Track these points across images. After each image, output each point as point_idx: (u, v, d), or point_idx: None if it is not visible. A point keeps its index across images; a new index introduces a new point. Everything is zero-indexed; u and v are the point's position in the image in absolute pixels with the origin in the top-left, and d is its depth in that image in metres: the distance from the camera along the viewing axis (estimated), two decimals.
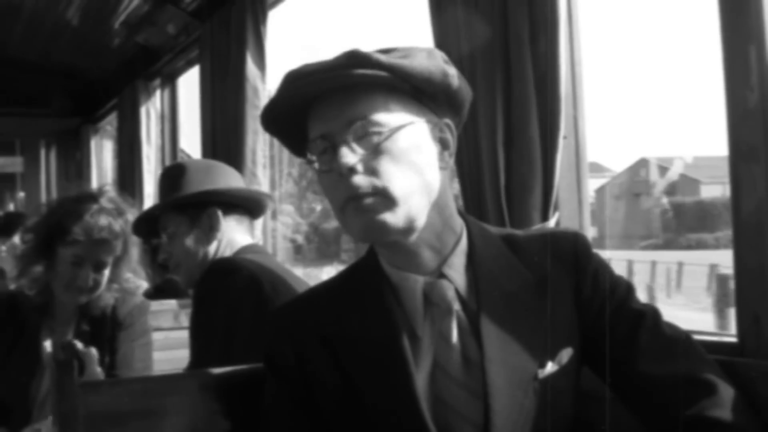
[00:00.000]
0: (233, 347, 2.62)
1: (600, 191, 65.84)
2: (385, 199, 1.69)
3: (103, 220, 3.28)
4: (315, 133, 1.75)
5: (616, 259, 31.01)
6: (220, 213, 2.95)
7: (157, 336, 3.73)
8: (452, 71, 1.80)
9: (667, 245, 52.26)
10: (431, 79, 1.76)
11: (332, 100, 1.72)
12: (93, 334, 3.37)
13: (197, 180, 2.98)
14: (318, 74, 1.71)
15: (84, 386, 2.13)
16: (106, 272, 3.33)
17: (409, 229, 1.73)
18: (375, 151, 1.70)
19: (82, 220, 3.26)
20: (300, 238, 56.94)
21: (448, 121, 1.83)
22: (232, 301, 2.66)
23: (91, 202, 3.33)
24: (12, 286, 4.06)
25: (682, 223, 56.51)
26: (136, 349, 3.43)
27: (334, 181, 1.71)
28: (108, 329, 3.39)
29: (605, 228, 62.00)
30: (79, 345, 3.04)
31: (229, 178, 3.08)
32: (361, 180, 1.68)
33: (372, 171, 1.69)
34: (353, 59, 1.71)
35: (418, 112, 1.77)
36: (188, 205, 2.96)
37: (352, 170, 1.68)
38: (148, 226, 3.12)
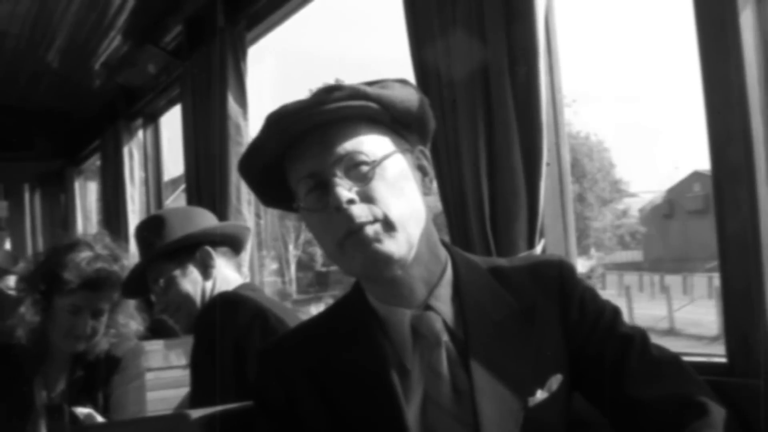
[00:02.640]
0: (244, 378, 2.63)
1: (647, 210, 61.72)
2: (386, 226, 1.69)
3: (99, 268, 3.26)
4: (301, 173, 1.75)
5: None
6: (211, 250, 2.98)
7: (148, 376, 3.71)
8: (425, 99, 1.83)
9: None
10: (410, 108, 1.78)
11: (314, 137, 1.72)
12: (87, 378, 3.36)
13: (179, 226, 3.01)
14: (306, 111, 1.71)
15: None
16: (104, 318, 3.31)
17: (408, 258, 1.73)
18: (367, 181, 1.70)
19: (78, 268, 3.24)
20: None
21: (422, 148, 1.85)
22: (240, 332, 2.68)
23: (87, 249, 3.32)
24: None
25: None
26: (131, 392, 3.41)
27: (328, 218, 1.71)
28: (102, 372, 3.38)
29: (657, 250, 56.97)
30: (79, 410, 3.02)
31: (208, 220, 3.13)
32: (359, 210, 1.68)
33: (368, 200, 1.69)
34: (340, 92, 1.72)
35: (396, 142, 1.79)
36: (177, 251, 2.98)
37: (350, 202, 1.68)
38: (136, 284, 3.10)
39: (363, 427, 1.75)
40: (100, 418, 3.09)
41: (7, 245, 7.73)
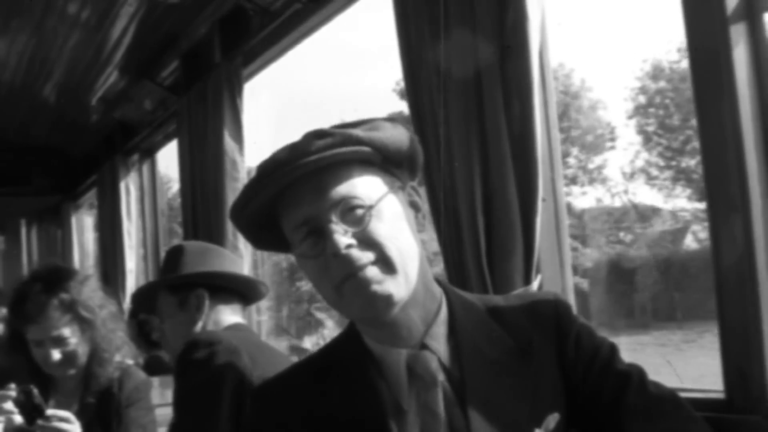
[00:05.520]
0: (215, 417, 2.63)
1: None
2: (385, 267, 1.69)
3: (41, 300, 3.32)
4: (296, 220, 1.74)
5: None
6: (206, 295, 3.00)
7: None
8: (414, 137, 1.84)
9: None
10: (401, 147, 1.79)
11: (307, 184, 1.72)
12: (98, 406, 3.40)
13: (192, 262, 3.04)
14: (298, 159, 1.71)
15: None
16: (73, 341, 3.34)
17: (406, 298, 1.73)
18: (364, 225, 1.70)
19: (23, 305, 3.34)
20: None
21: (413, 184, 1.86)
22: (213, 372, 2.68)
23: (31, 283, 3.40)
24: None
25: None
26: (148, 426, 3.48)
27: (325, 264, 1.70)
28: (114, 403, 3.42)
29: None
30: (36, 391, 3.07)
31: (223, 262, 3.14)
32: (357, 253, 1.68)
33: (365, 243, 1.69)
34: (332, 138, 1.72)
35: (389, 181, 1.79)
36: (180, 286, 3.01)
37: (348, 247, 1.67)
38: (147, 302, 3.16)
39: None
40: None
41: None
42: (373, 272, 1.68)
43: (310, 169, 1.71)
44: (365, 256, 1.68)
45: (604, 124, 42.40)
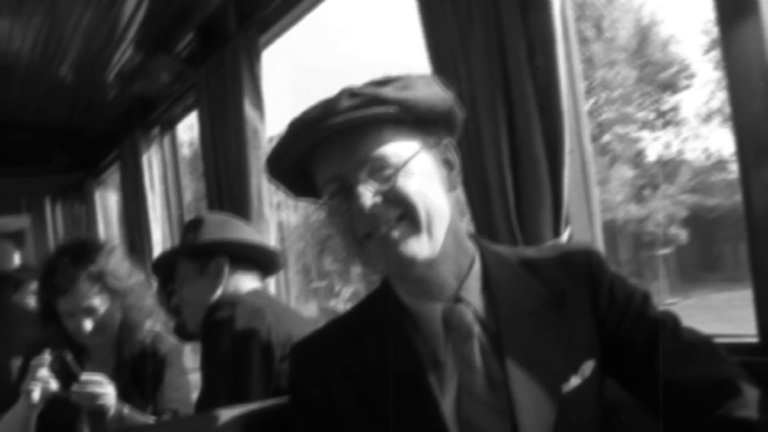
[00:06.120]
0: (246, 373, 2.72)
1: None
2: (410, 226, 1.71)
3: (69, 272, 3.38)
4: (326, 176, 1.75)
5: None
6: (226, 262, 3.05)
7: None
8: (449, 94, 1.83)
9: None
10: (435, 107, 1.78)
11: (339, 141, 1.72)
12: (133, 372, 3.49)
13: (212, 231, 3.10)
14: (327, 120, 1.71)
15: None
16: (103, 311, 3.42)
17: (434, 257, 1.74)
18: (391, 184, 1.71)
19: (52, 278, 3.40)
20: None
21: (448, 141, 1.84)
22: (240, 329, 2.76)
23: (59, 257, 3.46)
24: None
25: None
26: (182, 388, 3.55)
27: (350, 222, 1.72)
28: (149, 367, 3.50)
29: None
30: (69, 357, 3.16)
31: (241, 232, 3.20)
32: (382, 210, 1.69)
33: (392, 201, 1.70)
34: (360, 98, 1.72)
35: (422, 138, 1.78)
36: (200, 254, 3.07)
37: (374, 206, 1.69)
38: (167, 270, 3.22)
39: (400, 421, 1.75)
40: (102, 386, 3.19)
41: (17, 259, 7.62)
42: (397, 232, 1.70)
43: (336, 130, 1.71)
44: (390, 213, 1.70)
45: (679, 59, 40.35)
